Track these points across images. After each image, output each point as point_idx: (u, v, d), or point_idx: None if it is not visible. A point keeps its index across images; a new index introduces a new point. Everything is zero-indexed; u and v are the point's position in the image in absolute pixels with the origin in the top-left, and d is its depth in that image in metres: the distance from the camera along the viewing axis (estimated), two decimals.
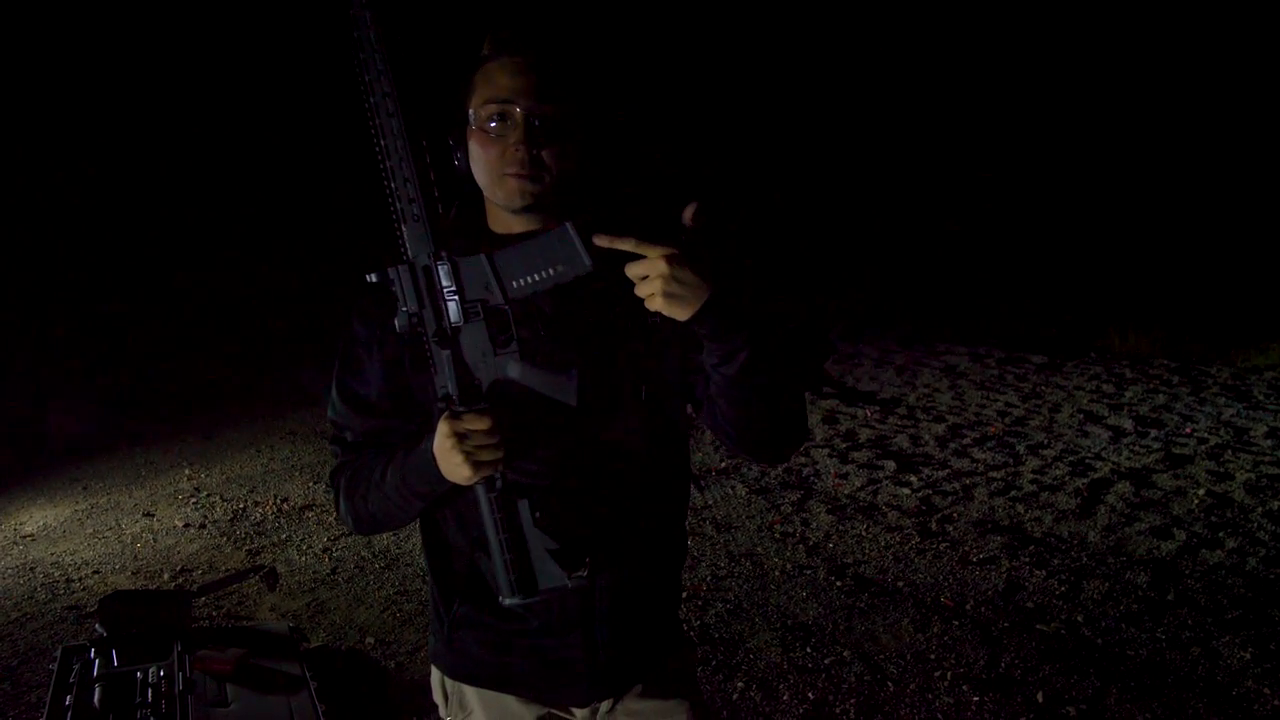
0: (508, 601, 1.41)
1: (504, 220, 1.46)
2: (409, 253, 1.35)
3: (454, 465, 1.34)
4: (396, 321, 1.37)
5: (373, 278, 1.37)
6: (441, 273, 1.35)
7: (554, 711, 1.60)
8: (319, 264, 10.55)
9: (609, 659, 1.53)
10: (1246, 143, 11.23)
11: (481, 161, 1.40)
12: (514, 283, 1.36)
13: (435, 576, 1.59)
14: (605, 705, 1.58)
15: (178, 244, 11.02)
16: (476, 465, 1.34)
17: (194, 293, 10.80)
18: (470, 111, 1.40)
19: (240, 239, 11.30)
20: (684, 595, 4.05)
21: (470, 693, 1.60)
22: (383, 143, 1.31)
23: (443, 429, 1.34)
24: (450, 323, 1.37)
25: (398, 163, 1.31)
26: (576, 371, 1.37)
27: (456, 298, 1.36)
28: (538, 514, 1.41)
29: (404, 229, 1.34)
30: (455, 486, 1.41)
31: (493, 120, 1.38)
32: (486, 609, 1.52)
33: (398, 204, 1.33)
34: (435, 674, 1.65)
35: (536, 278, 1.35)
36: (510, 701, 1.58)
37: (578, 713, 1.59)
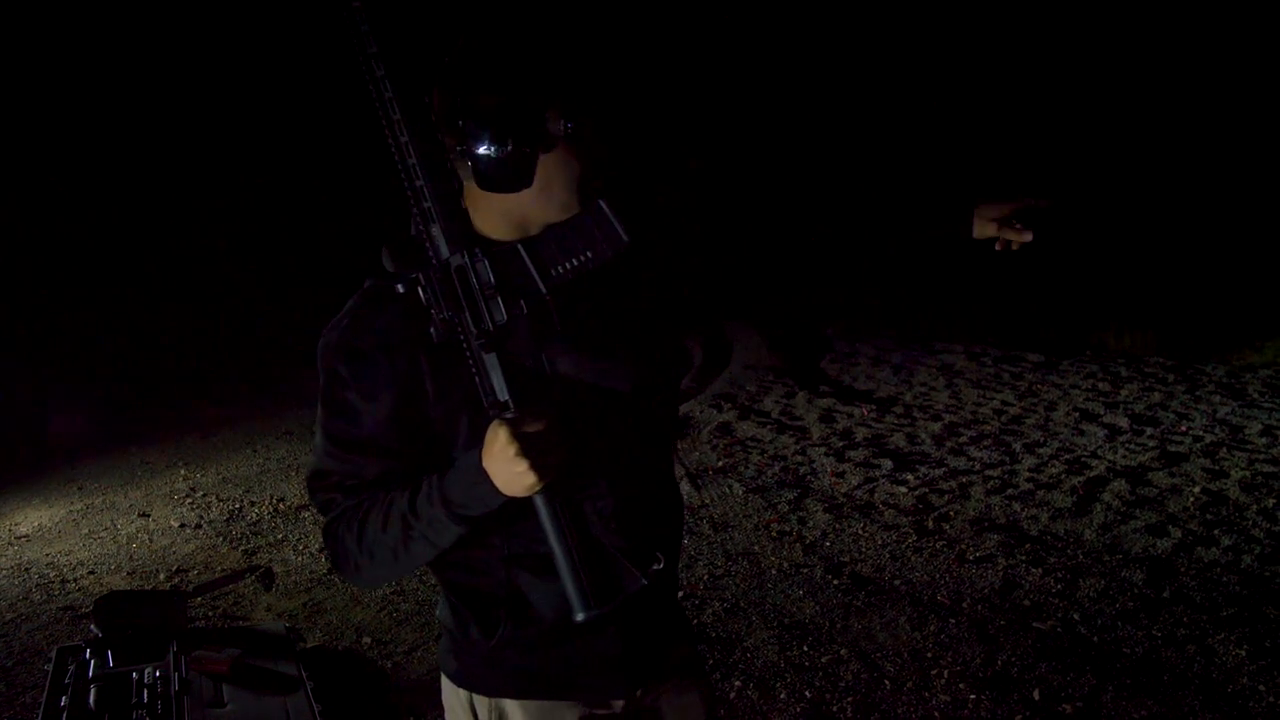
0: (581, 616, 1.32)
1: (496, 225, 1.39)
2: (438, 255, 1.29)
3: (516, 474, 1.26)
4: (432, 331, 1.29)
5: (401, 287, 1.30)
6: (478, 270, 1.29)
7: (594, 711, 1.54)
8: (317, 264, 10.54)
9: (643, 648, 1.53)
10: (1242, 142, 11.25)
11: (569, 174, 1.33)
12: (554, 270, 1.30)
13: (462, 599, 1.49)
14: (638, 693, 1.57)
15: (175, 240, 11.01)
16: (543, 470, 1.26)
17: (191, 290, 10.79)
18: (558, 120, 1.31)
19: (238, 237, 11.29)
20: (680, 594, 4.05)
21: (512, 706, 1.52)
22: (401, 140, 1.26)
23: (501, 436, 1.26)
24: (494, 323, 1.30)
25: (417, 163, 1.26)
26: (624, 355, 1.33)
27: (496, 294, 1.29)
28: (606, 514, 1.36)
29: (431, 230, 1.29)
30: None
31: (570, 126, 1.31)
32: (531, 624, 1.46)
33: (422, 204, 1.27)
34: (460, 695, 1.54)
35: (576, 262, 1.30)
36: (552, 706, 1.52)
37: (615, 704, 1.55)
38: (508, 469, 1.26)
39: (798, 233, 1.64)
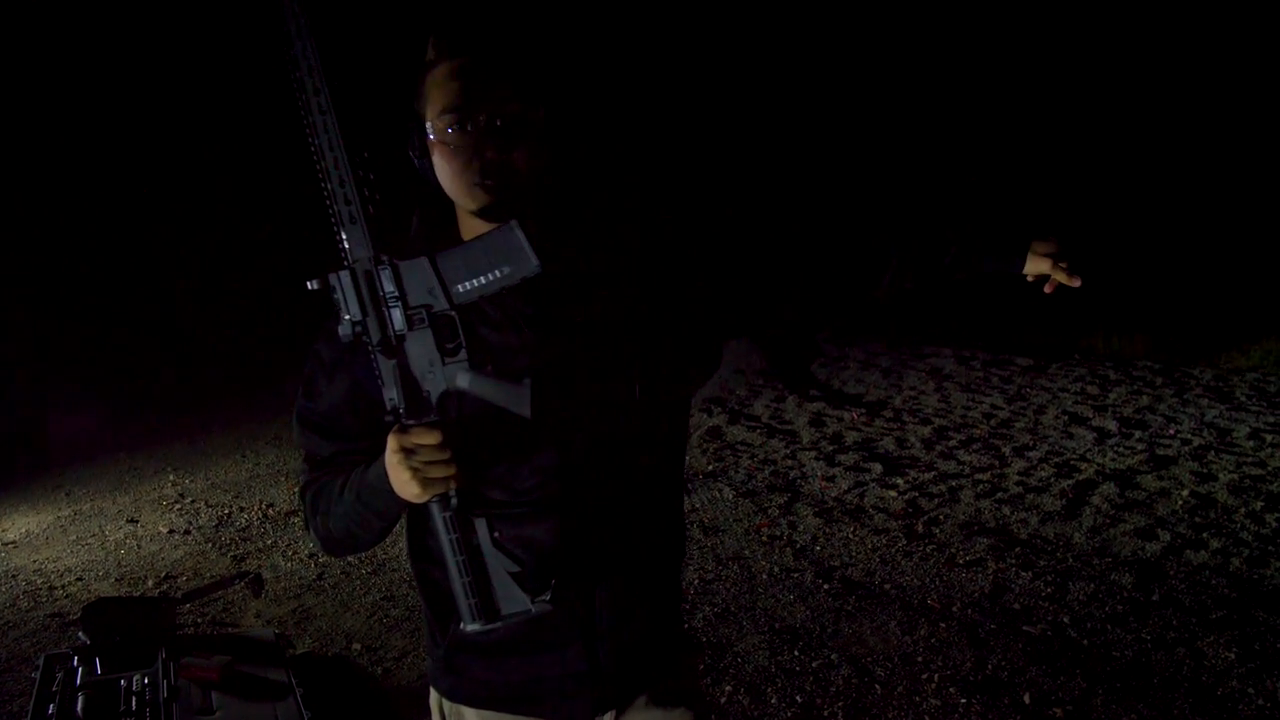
0: (468, 628, 1.35)
1: (476, 228, 1.40)
2: (349, 257, 1.29)
3: (403, 482, 1.29)
4: (340, 330, 1.31)
5: (313, 284, 1.30)
6: (383, 277, 1.29)
7: None
8: (305, 269, 10.50)
9: (613, 671, 1.48)
10: (1230, 147, 11.31)
11: (449, 174, 1.35)
12: (459, 286, 1.30)
13: (428, 597, 1.52)
14: (609, 717, 1.51)
15: (162, 247, 10.98)
16: (426, 482, 1.28)
17: (177, 298, 10.76)
18: (428, 123, 1.35)
19: (230, 243, 11.26)
20: None
21: (471, 714, 1.53)
22: (316, 142, 1.25)
23: (390, 444, 1.28)
24: (395, 331, 1.30)
25: (333, 163, 1.25)
26: (530, 381, 1.30)
27: (399, 304, 1.30)
28: (496, 534, 1.35)
29: (344, 233, 1.28)
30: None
31: (451, 129, 1.33)
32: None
33: (335, 206, 1.27)
34: (434, 696, 1.57)
35: (482, 280, 1.30)
36: None
37: None
38: (396, 476, 1.29)
39: (828, 253, 1.62)
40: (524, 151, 1.34)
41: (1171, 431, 6.02)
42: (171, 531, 5.46)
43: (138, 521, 5.71)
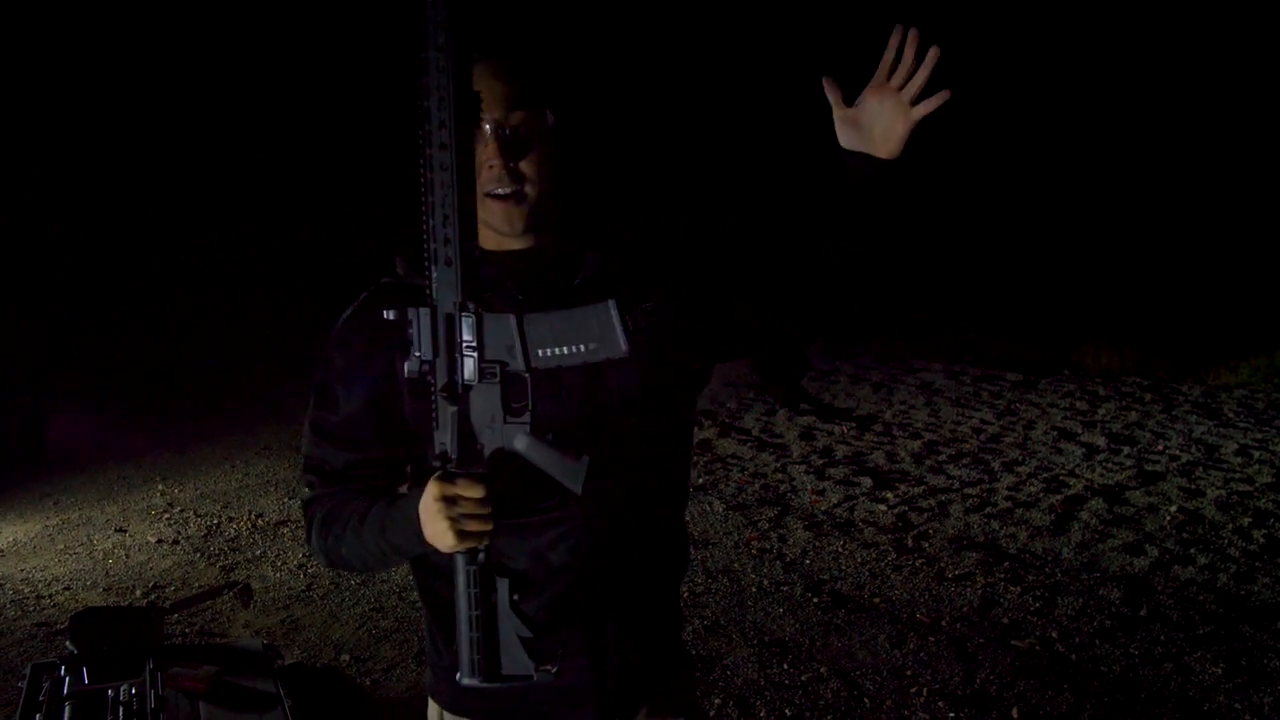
0: (465, 681, 1.33)
1: (492, 238, 1.41)
2: (434, 296, 1.27)
3: (438, 530, 1.28)
4: (406, 365, 1.28)
5: (390, 315, 1.28)
6: (464, 325, 1.27)
7: None
8: (299, 281, 10.52)
9: (617, 685, 1.49)
10: (1219, 166, 11.38)
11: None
12: (540, 351, 1.28)
13: (432, 609, 1.51)
14: None
15: (163, 252, 10.98)
16: (461, 535, 1.27)
17: (170, 306, 10.74)
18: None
19: (224, 252, 11.26)
20: None
21: None
22: (428, 176, 1.22)
23: (432, 489, 1.27)
24: (462, 379, 1.28)
25: (441, 200, 1.22)
26: (589, 459, 1.28)
27: (475, 354, 1.27)
28: (516, 597, 1.33)
29: (433, 270, 1.25)
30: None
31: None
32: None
33: (432, 243, 1.24)
34: (433, 708, 1.57)
35: (566, 351, 1.28)
36: None
37: None
38: (432, 522, 1.28)
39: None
40: (533, 161, 1.34)
41: (1160, 447, 6.05)
42: (160, 541, 5.44)
43: (126, 531, 5.69)
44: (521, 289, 1.39)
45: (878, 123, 1.31)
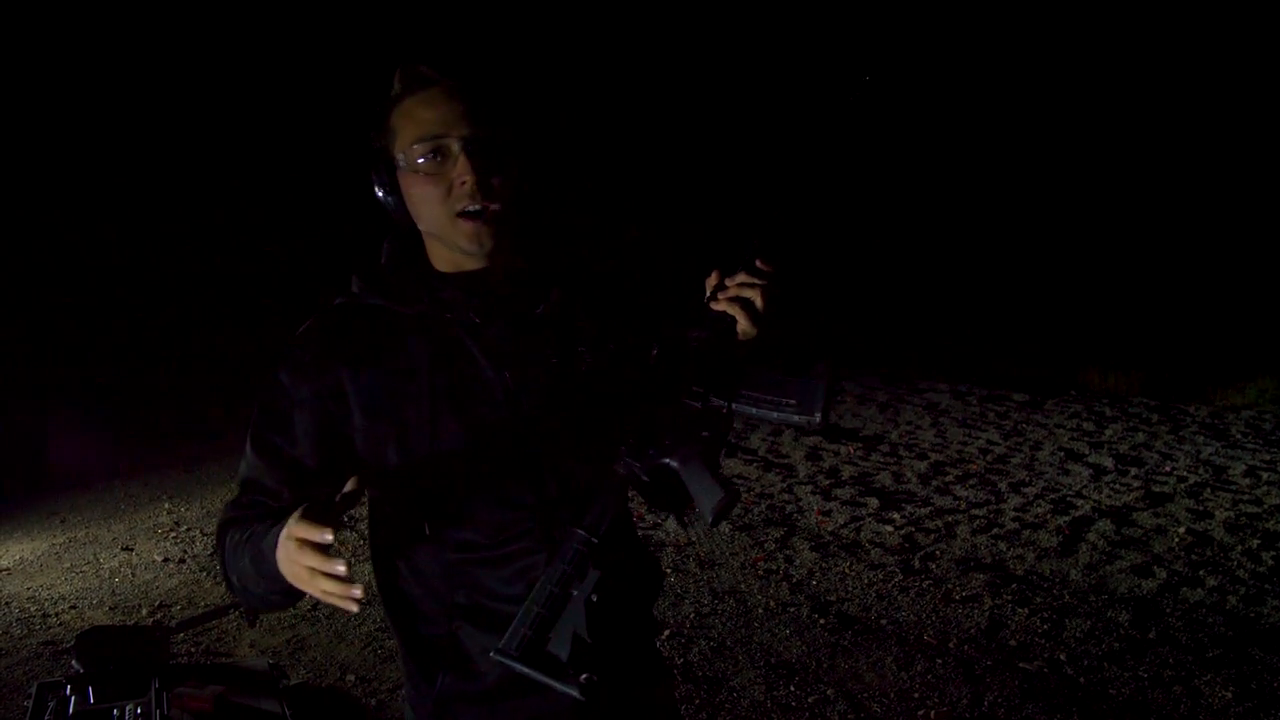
0: (495, 655, 1.24)
1: (452, 259, 1.41)
2: None
3: (293, 573, 1.21)
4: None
5: None
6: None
7: None
8: (301, 294, 10.53)
9: (600, 700, 1.47)
10: (1225, 187, 11.39)
11: (426, 204, 1.35)
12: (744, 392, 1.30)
13: (408, 648, 1.48)
14: None
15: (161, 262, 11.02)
16: (315, 581, 1.18)
17: (174, 327, 10.77)
18: (399, 155, 1.35)
19: (224, 263, 11.29)
20: (667, 633, 4.03)
21: None
22: None
23: (289, 526, 1.20)
24: None
25: None
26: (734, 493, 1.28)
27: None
28: (594, 597, 1.26)
29: None
30: (413, 548, 1.36)
31: (423, 158, 1.33)
32: (473, 677, 1.43)
33: None
34: None
35: (755, 411, 1.31)
36: None
37: None
38: (286, 562, 1.23)
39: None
40: (502, 176, 1.35)
41: (1167, 469, 6.03)
42: (166, 560, 5.44)
43: (132, 549, 5.69)
44: (480, 313, 1.40)
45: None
